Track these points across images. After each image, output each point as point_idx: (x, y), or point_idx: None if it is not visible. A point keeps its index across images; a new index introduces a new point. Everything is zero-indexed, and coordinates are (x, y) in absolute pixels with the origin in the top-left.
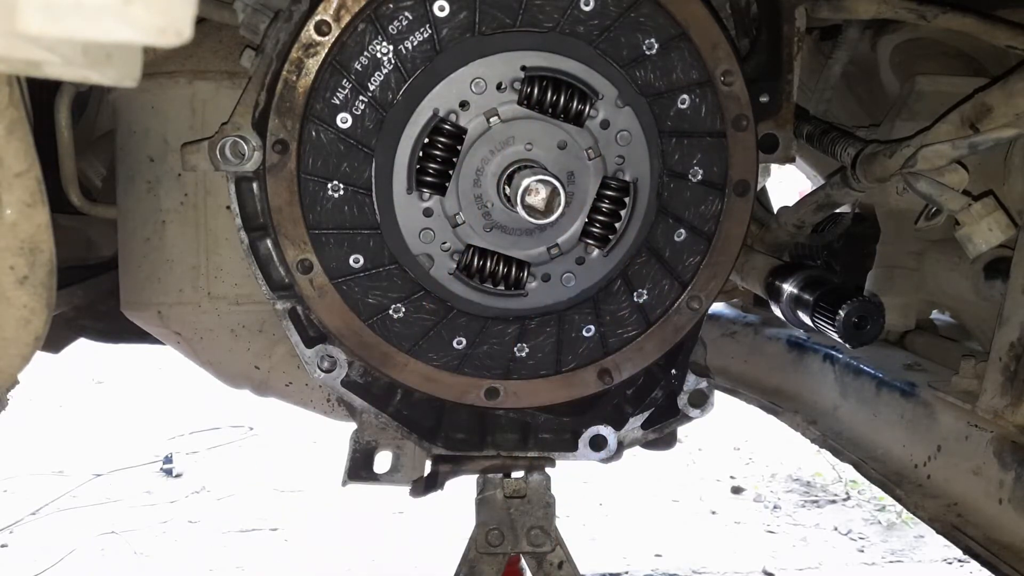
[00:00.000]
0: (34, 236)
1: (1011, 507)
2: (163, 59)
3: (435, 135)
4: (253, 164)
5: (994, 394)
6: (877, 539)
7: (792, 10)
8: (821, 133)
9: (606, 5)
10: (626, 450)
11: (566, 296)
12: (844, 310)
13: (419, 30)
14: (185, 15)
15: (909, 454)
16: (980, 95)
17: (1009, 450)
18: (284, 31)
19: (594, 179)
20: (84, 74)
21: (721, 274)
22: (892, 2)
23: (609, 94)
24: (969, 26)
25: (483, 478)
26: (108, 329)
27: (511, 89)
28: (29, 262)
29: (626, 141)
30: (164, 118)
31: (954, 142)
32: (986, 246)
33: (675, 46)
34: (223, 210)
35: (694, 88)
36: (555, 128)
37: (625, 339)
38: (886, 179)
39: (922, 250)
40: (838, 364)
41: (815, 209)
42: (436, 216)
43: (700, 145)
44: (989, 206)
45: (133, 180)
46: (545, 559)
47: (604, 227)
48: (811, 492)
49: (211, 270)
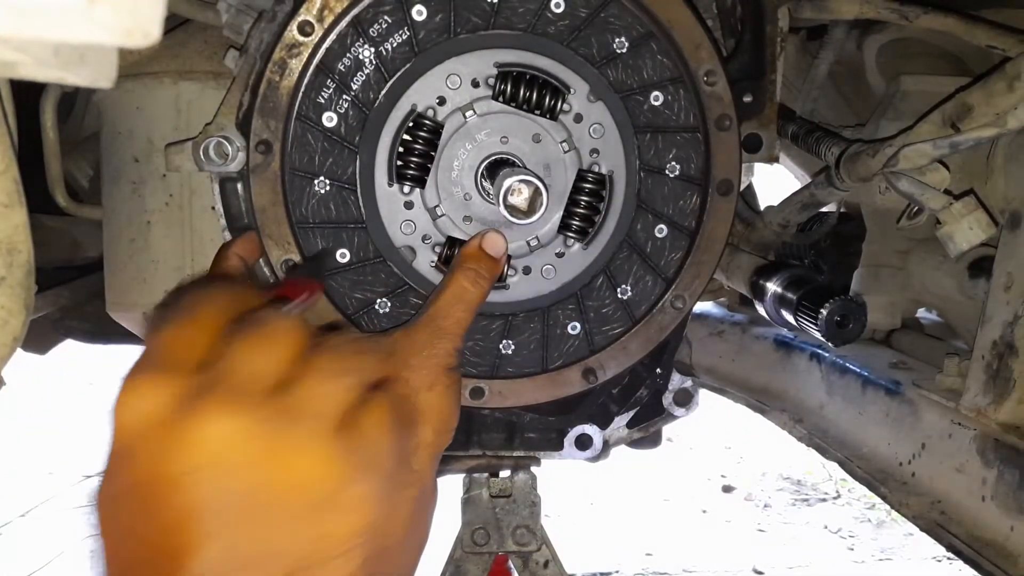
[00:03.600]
0: (11, 237)
1: (993, 504)
2: (148, 60)
3: (414, 130)
4: (237, 164)
5: (977, 392)
6: (867, 537)
7: (775, 10)
8: (806, 133)
9: (576, 7)
10: (612, 449)
11: (548, 289)
12: (826, 309)
13: (398, 32)
14: (152, 16)
15: (894, 452)
16: (961, 95)
17: (992, 448)
18: (267, 32)
19: (570, 172)
20: (59, 75)
21: (705, 273)
22: (875, 2)
23: (581, 89)
24: (951, 26)
25: (469, 477)
26: (94, 330)
27: (485, 85)
28: (6, 263)
29: (599, 134)
30: (149, 119)
31: (935, 142)
32: (967, 245)
33: (653, 45)
34: (208, 211)
35: (667, 85)
36: (529, 122)
37: (611, 337)
38: (869, 178)
39: (907, 249)
40: (824, 363)
41: (800, 208)
42: (417, 208)
43: (676, 141)
44: (970, 205)
45: (118, 181)
46: (531, 558)
47: (582, 220)
48: (801, 491)
49: (196, 271)
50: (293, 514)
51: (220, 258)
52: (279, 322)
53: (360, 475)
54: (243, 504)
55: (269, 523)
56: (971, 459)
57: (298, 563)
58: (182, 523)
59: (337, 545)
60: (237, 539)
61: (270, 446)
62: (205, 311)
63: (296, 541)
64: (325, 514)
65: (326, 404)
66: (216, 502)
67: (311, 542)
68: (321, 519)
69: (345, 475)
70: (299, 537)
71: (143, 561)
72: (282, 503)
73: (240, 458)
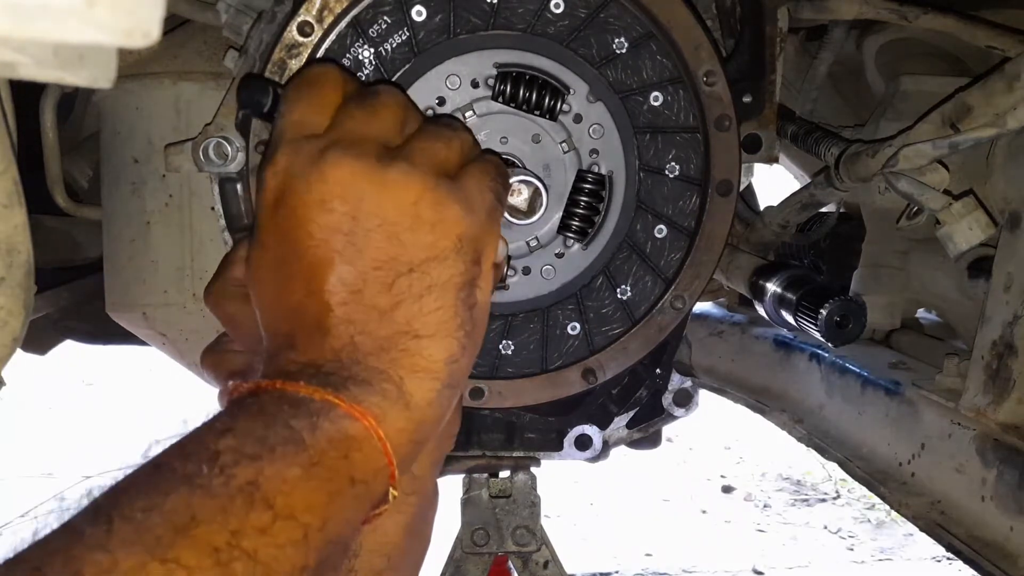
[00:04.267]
0: (11, 237)
1: (993, 504)
2: (148, 60)
3: None
4: (237, 165)
5: (976, 392)
6: (867, 537)
7: (774, 11)
8: (805, 133)
9: (575, 7)
10: (611, 449)
11: (547, 290)
12: (826, 309)
13: (397, 33)
14: (152, 16)
15: (893, 452)
16: (960, 95)
17: (991, 448)
18: (267, 32)
19: (569, 172)
20: (58, 75)
21: (704, 273)
22: (874, 2)
23: (580, 89)
24: (950, 26)
25: (468, 478)
26: (94, 330)
27: (485, 86)
28: (6, 263)
29: (599, 134)
30: (148, 119)
31: (934, 142)
32: (966, 245)
33: (652, 46)
34: (208, 211)
35: (666, 85)
36: (528, 122)
37: (610, 337)
38: (868, 179)
39: (907, 249)
40: (824, 363)
41: (799, 208)
42: None
43: (675, 142)
44: (969, 205)
45: (118, 181)
46: (531, 559)
47: (582, 220)
48: (801, 491)
49: (196, 271)
50: (404, 229)
51: (227, 264)
52: (389, 95)
53: (460, 207)
54: (366, 224)
55: (387, 237)
56: (971, 459)
57: (411, 264)
58: (325, 240)
59: (442, 251)
60: (366, 249)
61: (384, 179)
62: (324, 90)
63: (408, 249)
64: (428, 228)
65: (431, 155)
66: (346, 223)
67: (421, 249)
68: (425, 233)
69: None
70: (411, 246)
71: (295, 276)
72: (395, 222)
73: (359, 191)
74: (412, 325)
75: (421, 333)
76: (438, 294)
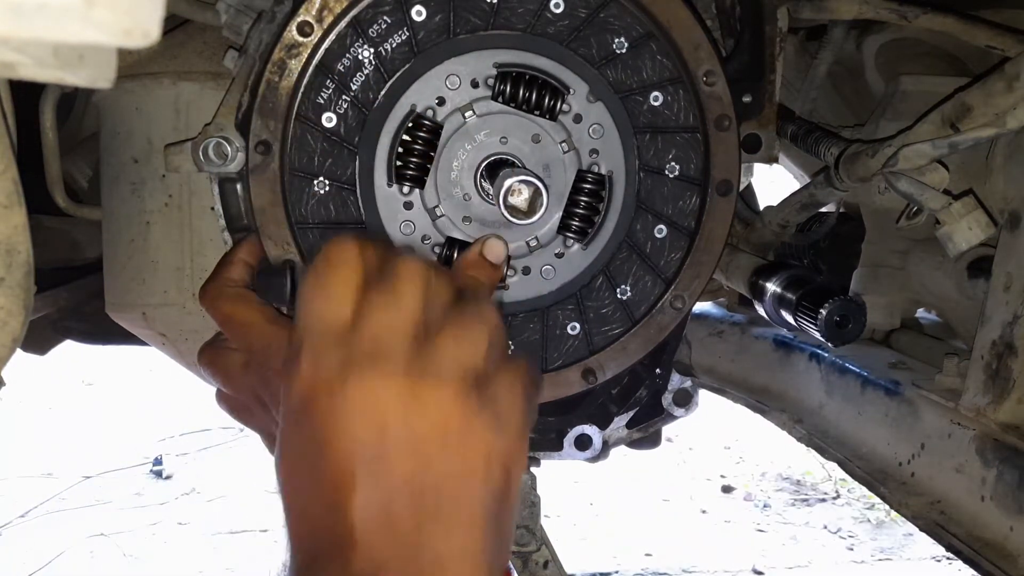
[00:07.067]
0: (10, 237)
1: (993, 504)
2: (147, 60)
3: (413, 130)
4: (236, 165)
5: (976, 392)
6: (866, 537)
7: (774, 11)
8: (805, 133)
9: (575, 7)
10: (611, 449)
11: (547, 289)
12: (826, 309)
13: (397, 32)
14: (152, 16)
15: (893, 452)
16: (960, 95)
17: (991, 448)
18: (267, 32)
19: (569, 172)
20: (58, 75)
21: (704, 273)
22: (874, 2)
23: (580, 89)
24: (950, 26)
25: None
26: (94, 331)
27: (485, 86)
28: (6, 263)
29: (599, 134)
30: (148, 119)
31: (934, 142)
32: (966, 245)
33: (652, 46)
34: (208, 211)
35: (666, 85)
36: (528, 122)
37: (610, 337)
38: (868, 179)
39: (907, 249)
40: (824, 363)
41: (799, 208)
42: (416, 208)
43: (675, 142)
44: (969, 205)
45: (117, 181)
46: (530, 558)
47: (582, 220)
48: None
49: (196, 271)
50: (432, 445)
51: (225, 264)
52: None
53: (491, 422)
54: (393, 439)
55: (413, 453)
56: (970, 459)
57: (438, 481)
58: (350, 454)
59: (471, 469)
60: (391, 465)
61: (412, 395)
62: (343, 275)
63: (435, 466)
64: (456, 446)
65: (461, 362)
66: (371, 439)
67: (449, 466)
68: (453, 450)
69: (477, 416)
70: (438, 462)
71: (319, 483)
72: (424, 438)
73: (385, 408)
74: (437, 549)
75: (446, 558)
76: (466, 513)
